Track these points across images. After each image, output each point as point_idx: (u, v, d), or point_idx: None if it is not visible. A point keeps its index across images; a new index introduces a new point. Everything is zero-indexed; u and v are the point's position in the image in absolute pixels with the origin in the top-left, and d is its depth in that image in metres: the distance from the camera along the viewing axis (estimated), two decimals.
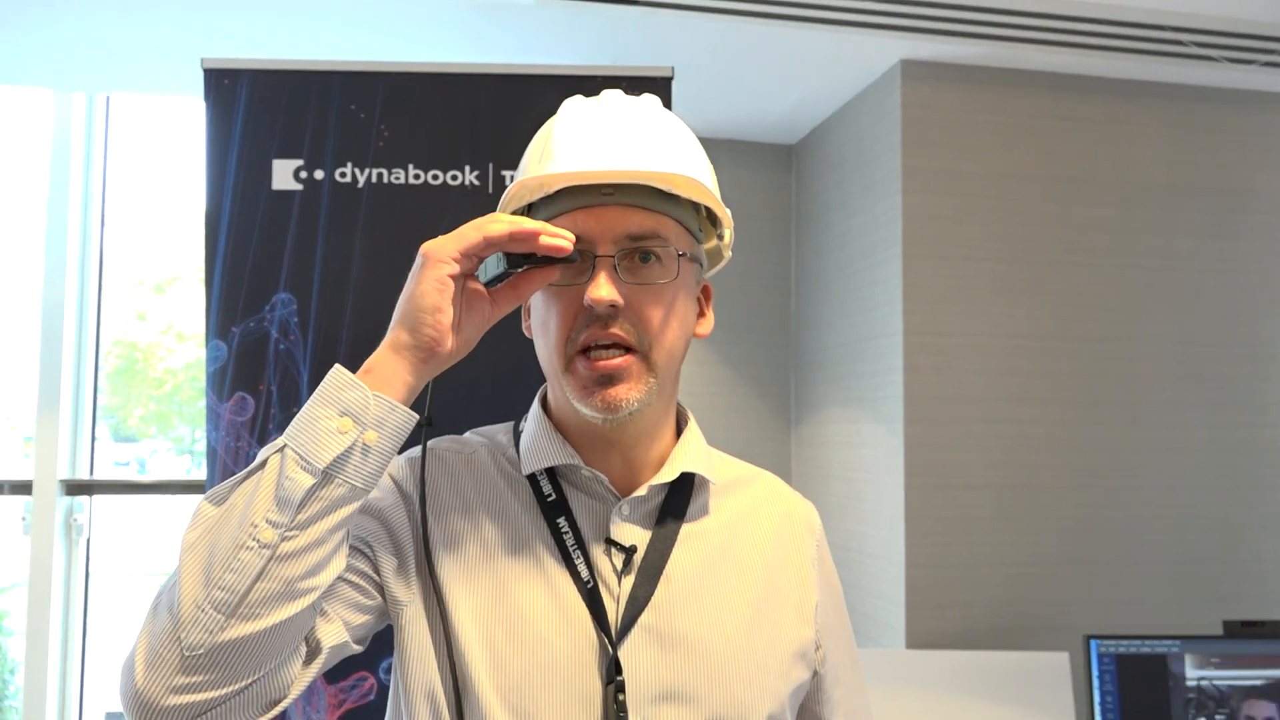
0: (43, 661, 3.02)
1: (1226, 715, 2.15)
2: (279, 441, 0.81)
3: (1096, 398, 2.66)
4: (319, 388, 0.82)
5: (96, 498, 3.17)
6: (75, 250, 3.16)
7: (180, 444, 3.81)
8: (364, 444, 0.80)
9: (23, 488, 3.08)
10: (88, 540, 3.17)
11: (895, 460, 2.58)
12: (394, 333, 0.84)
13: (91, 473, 3.19)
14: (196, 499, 1.82)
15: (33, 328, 3.12)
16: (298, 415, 0.82)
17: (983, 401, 2.60)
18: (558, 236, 0.84)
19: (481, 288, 0.87)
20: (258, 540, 0.77)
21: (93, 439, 3.20)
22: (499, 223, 0.84)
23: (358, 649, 0.91)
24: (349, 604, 0.89)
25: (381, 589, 0.92)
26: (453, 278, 0.83)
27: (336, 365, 0.83)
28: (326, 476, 0.79)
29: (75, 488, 3.12)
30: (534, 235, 0.83)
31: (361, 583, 0.91)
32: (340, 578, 0.87)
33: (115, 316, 3.44)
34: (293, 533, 0.78)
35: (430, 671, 0.91)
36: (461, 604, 0.91)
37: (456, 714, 0.88)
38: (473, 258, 0.84)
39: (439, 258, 0.83)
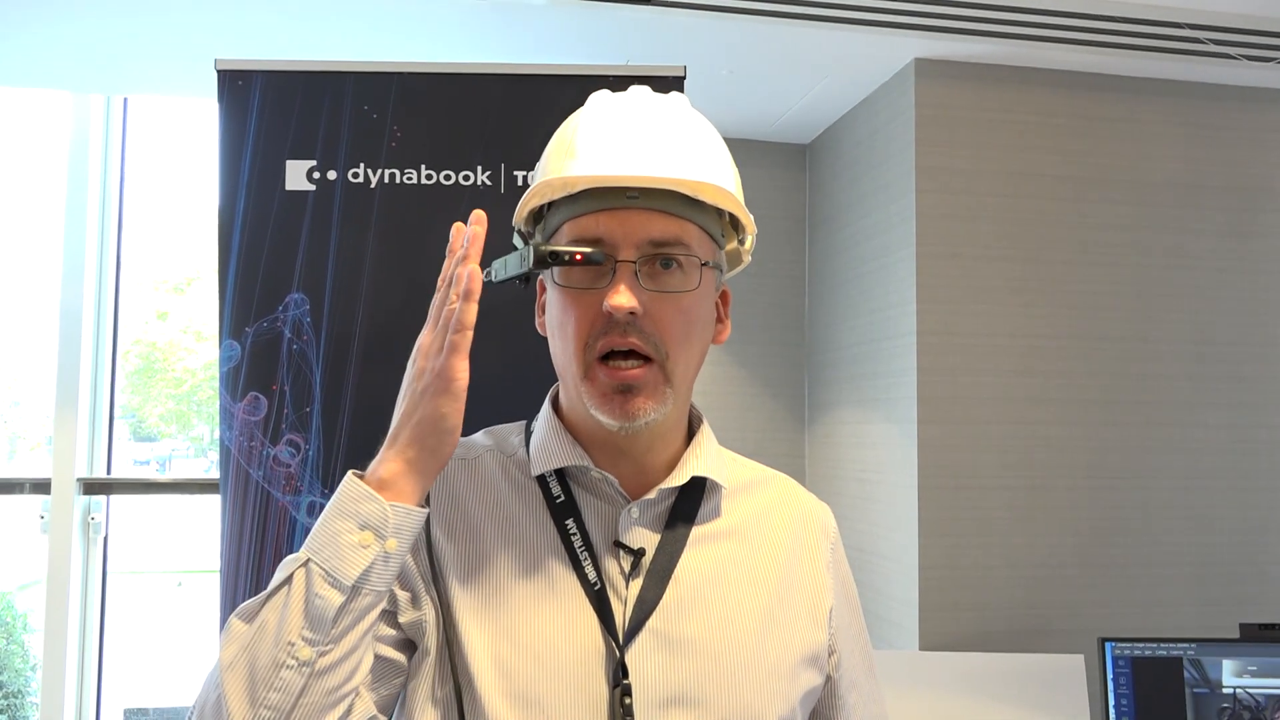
0: (61, 659, 3.04)
1: None
2: (301, 555, 0.82)
3: (1112, 398, 2.64)
4: (334, 498, 0.83)
5: (114, 497, 3.20)
6: (93, 251, 3.19)
7: (199, 443, 3.84)
8: (385, 552, 0.82)
9: (41, 486, 3.11)
10: (105, 539, 3.19)
11: (909, 461, 2.57)
12: (409, 449, 0.84)
13: (109, 472, 3.21)
14: (213, 498, 1.83)
15: (51, 328, 3.15)
16: (316, 526, 0.83)
17: (997, 402, 2.59)
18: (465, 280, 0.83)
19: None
20: (296, 659, 0.79)
21: (110, 438, 3.23)
22: (468, 312, 0.83)
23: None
24: (377, 681, 0.90)
25: (404, 641, 0.93)
26: (464, 391, 0.83)
27: (350, 474, 0.84)
28: (355, 590, 0.81)
29: (93, 487, 3.14)
30: (466, 285, 0.83)
31: (384, 652, 0.91)
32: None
33: (135, 316, 3.47)
34: (328, 647, 0.80)
35: (435, 679, 0.90)
36: (466, 611, 0.90)
37: (460, 718, 0.88)
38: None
39: (454, 378, 0.82)
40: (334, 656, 0.80)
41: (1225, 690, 2.14)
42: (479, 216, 0.86)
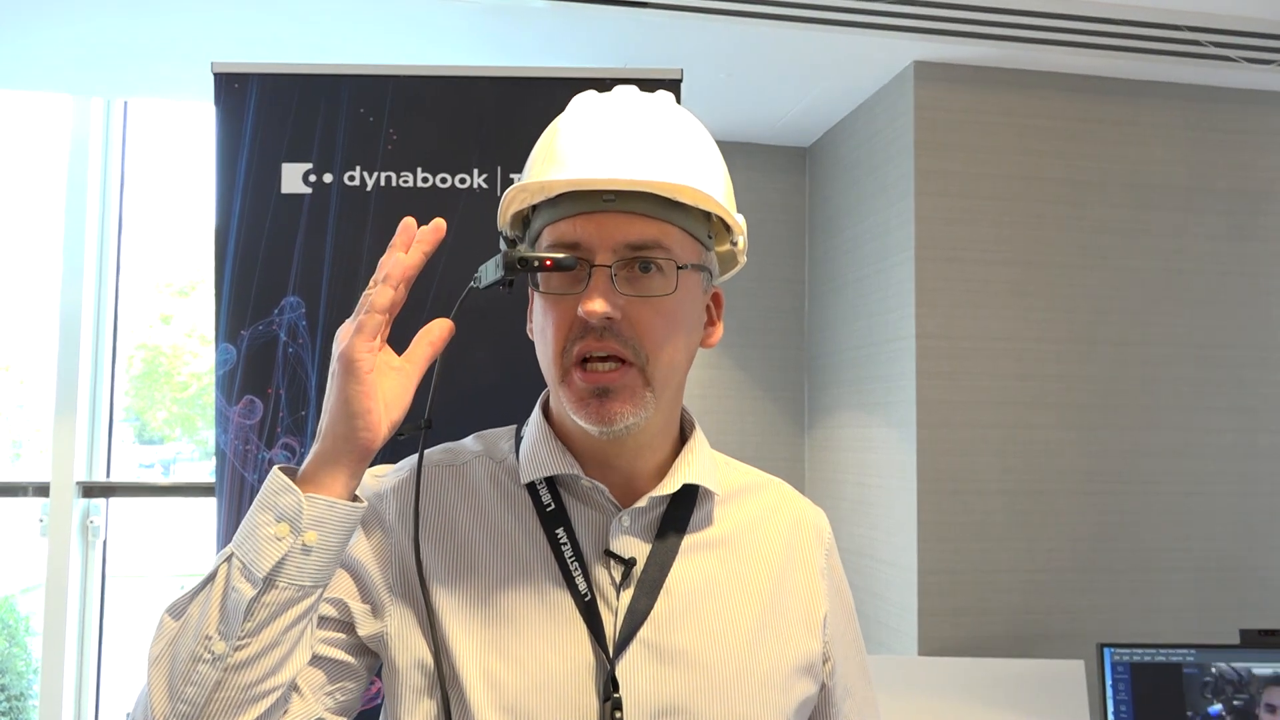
0: (59, 662, 3.04)
1: (1245, 701, 2.13)
2: (227, 549, 0.81)
3: (1112, 402, 2.63)
4: (260, 492, 0.82)
5: (114, 500, 3.20)
6: (93, 253, 3.19)
7: (204, 447, 3.83)
8: (304, 545, 0.80)
9: (43, 489, 3.11)
10: (104, 542, 3.19)
11: (908, 465, 2.56)
12: (325, 440, 0.82)
13: (108, 475, 3.21)
14: (212, 501, 1.82)
15: (51, 331, 3.15)
16: (244, 520, 0.82)
17: (996, 406, 2.58)
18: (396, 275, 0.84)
19: (394, 360, 0.86)
20: (211, 652, 0.79)
21: (109, 441, 3.23)
22: (382, 295, 0.83)
23: None
24: (331, 685, 0.89)
25: (362, 647, 0.92)
26: (370, 372, 0.82)
27: (275, 467, 0.82)
28: (269, 583, 0.79)
29: (92, 490, 3.14)
30: (396, 272, 0.84)
31: (335, 655, 0.90)
32: (313, 658, 0.88)
33: (139, 320, 3.47)
34: (244, 641, 0.79)
35: (421, 693, 0.89)
36: (454, 622, 0.89)
37: None
38: (378, 336, 0.83)
39: (355, 359, 0.81)
40: (250, 651, 0.79)
41: (1211, 673, 2.15)
42: (437, 225, 0.86)
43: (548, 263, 0.86)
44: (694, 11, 2.35)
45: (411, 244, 0.85)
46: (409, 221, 0.85)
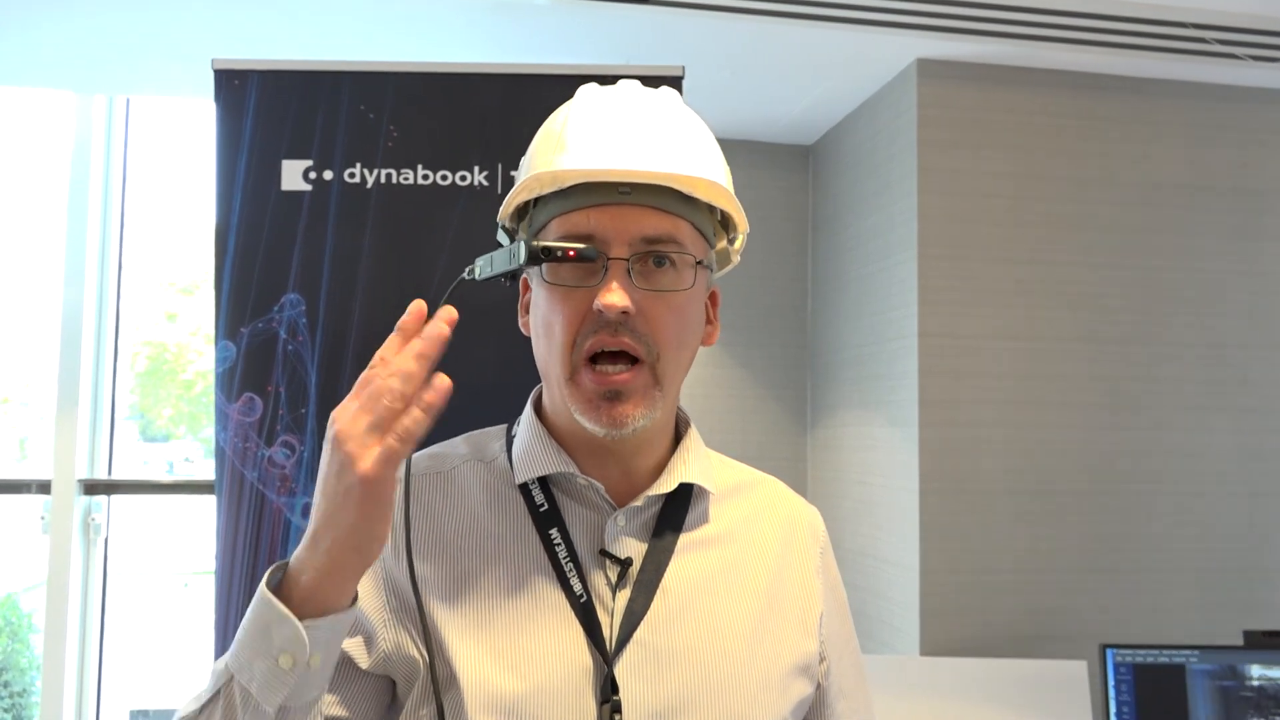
0: (60, 660, 3.04)
1: None
2: (226, 668, 0.78)
3: (1116, 402, 2.62)
4: (251, 609, 0.76)
5: (116, 497, 3.20)
6: (95, 250, 3.19)
7: (209, 445, 3.84)
8: (309, 666, 0.76)
9: (43, 487, 3.11)
10: (106, 540, 3.19)
11: (910, 464, 2.55)
12: (332, 556, 0.74)
13: (110, 472, 3.21)
14: (212, 500, 1.82)
15: (53, 328, 3.15)
16: (239, 633, 0.77)
17: (1000, 405, 2.57)
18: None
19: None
20: None
21: (111, 439, 3.23)
22: (412, 417, 0.72)
23: None
24: None
25: (364, 693, 0.90)
26: (391, 491, 0.74)
27: (264, 582, 0.76)
28: (282, 713, 0.77)
29: (94, 487, 3.14)
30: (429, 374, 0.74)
31: (340, 714, 0.89)
32: None
33: (144, 317, 3.47)
34: None
35: (419, 701, 0.89)
36: (451, 632, 0.88)
37: None
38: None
39: (381, 482, 0.72)
40: None
41: (1251, 683, 2.13)
42: (449, 315, 0.76)
43: (570, 253, 0.85)
44: (696, 8, 2.34)
45: (426, 347, 0.75)
46: (421, 305, 0.77)
